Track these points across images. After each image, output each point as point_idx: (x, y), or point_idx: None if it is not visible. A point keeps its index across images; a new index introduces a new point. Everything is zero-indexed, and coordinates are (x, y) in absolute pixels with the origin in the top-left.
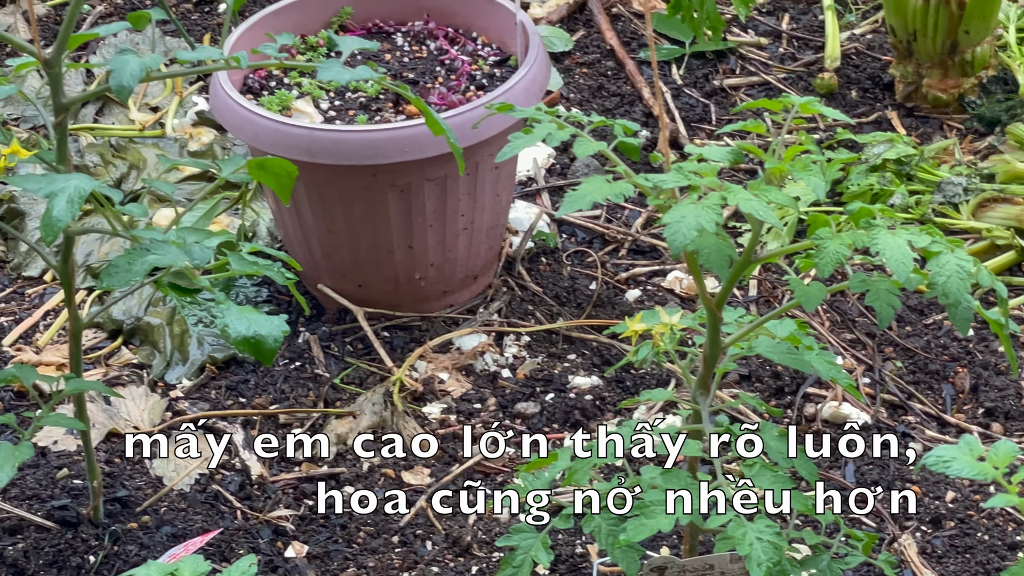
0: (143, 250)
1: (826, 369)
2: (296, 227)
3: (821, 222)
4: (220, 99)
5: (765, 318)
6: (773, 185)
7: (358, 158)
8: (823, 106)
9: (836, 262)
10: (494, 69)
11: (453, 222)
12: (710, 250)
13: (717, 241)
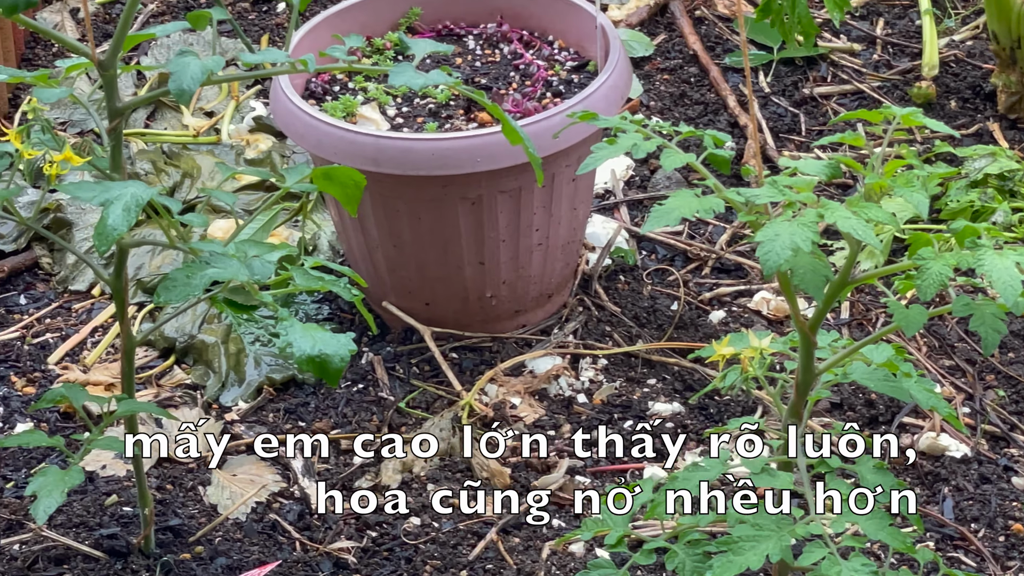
0: (202, 263)
1: (925, 398)
2: (360, 241)
3: (923, 241)
4: (281, 104)
5: (862, 343)
6: (872, 201)
7: (427, 168)
8: (926, 118)
9: (939, 284)
10: (572, 75)
11: (527, 237)
12: (805, 270)
13: (813, 260)
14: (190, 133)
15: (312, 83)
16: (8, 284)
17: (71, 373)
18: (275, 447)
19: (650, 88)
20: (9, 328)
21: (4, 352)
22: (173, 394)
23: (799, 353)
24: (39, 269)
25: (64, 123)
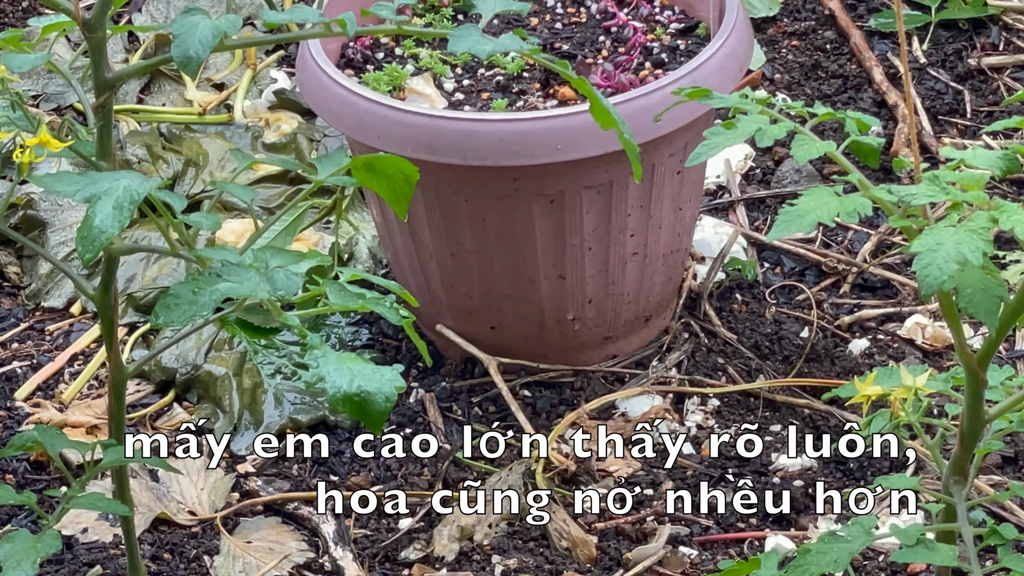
0: (211, 275)
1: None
2: (409, 248)
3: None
4: (311, 75)
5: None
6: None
7: (495, 157)
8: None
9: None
10: (677, 40)
11: (619, 245)
12: (974, 289)
13: (984, 277)
14: (195, 110)
15: (350, 49)
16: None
17: (44, 412)
18: (300, 507)
19: (775, 57)
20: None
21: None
22: (173, 439)
23: (964, 394)
24: (4, 280)
25: (37, 97)
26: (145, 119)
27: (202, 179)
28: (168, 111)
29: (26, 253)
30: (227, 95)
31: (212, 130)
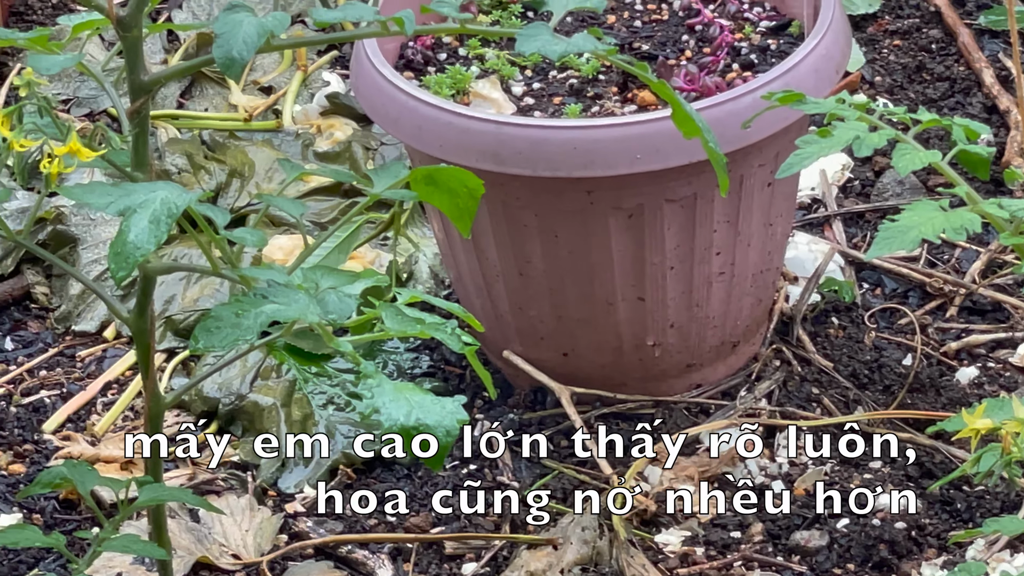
0: (257, 297)
1: None
2: (474, 267)
3: None
4: (367, 78)
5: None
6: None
7: (567, 167)
8: None
9: None
10: (767, 39)
11: (704, 263)
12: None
13: None
14: (240, 116)
15: (409, 49)
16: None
17: (74, 446)
18: (355, 550)
19: (875, 58)
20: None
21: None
22: (215, 475)
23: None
24: (31, 302)
25: (68, 101)
26: (186, 125)
27: (248, 191)
28: (211, 117)
29: (55, 272)
30: (275, 99)
31: (259, 137)
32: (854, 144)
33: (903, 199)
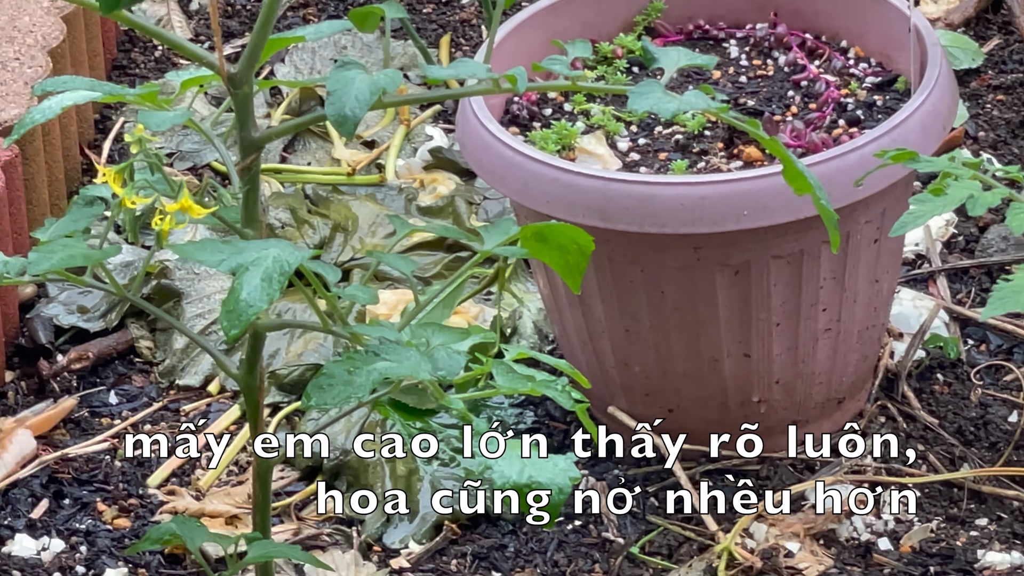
0: (369, 355)
1: None
2: (579, 323)
3: None
4: (472, 133)
5: None
6: None
7: (674, 224)
8: None
9: None
10: (873, 95)
11: (810, 320)
12: None
13: None
14: (343, 170)
15: (515, 104)
16: (95, 376)
17: (180, 500)
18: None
19: (978, 113)
20: (95, 437)
21: (89, 470)
22: (320, 531)
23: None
24: (136, 356)
25: (171, 155)
26: (289, 179)
27: (351, 245)
28: (314, 171)
29: (160, 326)
30: (378, 153)
31: (362, 192)
32: (968, 203)
33: (1007, 255)
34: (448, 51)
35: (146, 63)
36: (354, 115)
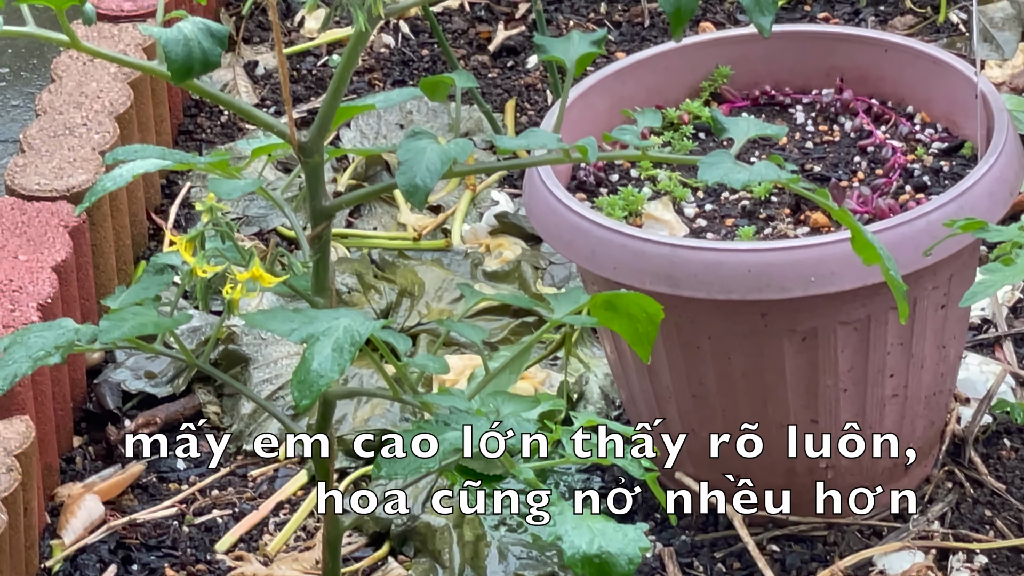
0: (440, 424)
1: None
2: (646, 388)
3: None
4: (539, 199)
5: None
6: None
7: (741, 290)
8: None
9: None
10: (939, 161)
11: (877, 385)
12: None
13: None
14: (409, 235)
15: (581, 170)
16: (162, 441)
17: (248, 566)
18: None
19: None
20: (164, 502)
21: (157, 535)
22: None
23: None
24: (204, 421)
25: (237, 220)
26: (355, 244)
27: (418, 310)
28: (380, 236)
29: (227, 391)
30: (444, 218)
31: (428, 256)
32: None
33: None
34: (513, 116)
35: (212, 128)
36: (425, 185)
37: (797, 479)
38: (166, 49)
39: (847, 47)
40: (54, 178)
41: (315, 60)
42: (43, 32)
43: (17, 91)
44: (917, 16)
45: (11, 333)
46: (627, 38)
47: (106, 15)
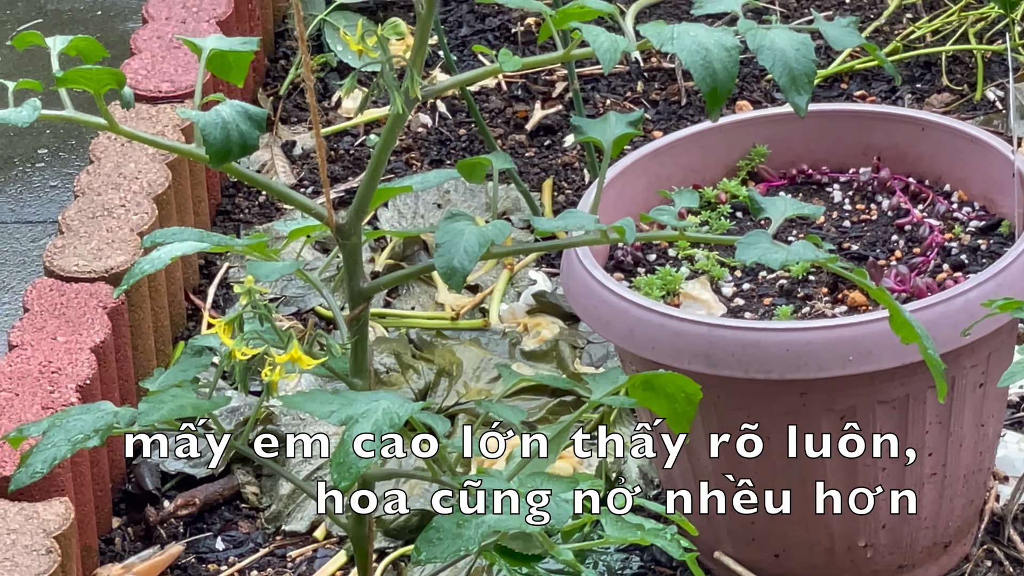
0: (478, 505)
1: None
2: (685, 467)
3: None
4: (577, 278)
5: None
6: None
7: (780, 369)
8: None
9: None
10: (977, 239)
11: (916, 464)
12: None
13: None
14: (446, 315)
15: (619, 250)
16: (201, 522)
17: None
18: None
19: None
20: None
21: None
22: None
23: None
24: (242, 502)
25: (275, 300)
26: (393, 324)
27: (456, 390)
28: (418, 316)
29: (265, 472)
30: (482, 298)
31: (466, 336)
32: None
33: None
34: (551, 194)
35: (250, 208)
36: (463, 268)
37: (836, 558)
38: (204, 133)
39: (884, 125)
40: (93, 259)
41: (352, 139)
42: (82, 116)
43: (55, 172)
44: (954, 93)
45: (50, 415)
46: (664, 116)
47: (144, 96)
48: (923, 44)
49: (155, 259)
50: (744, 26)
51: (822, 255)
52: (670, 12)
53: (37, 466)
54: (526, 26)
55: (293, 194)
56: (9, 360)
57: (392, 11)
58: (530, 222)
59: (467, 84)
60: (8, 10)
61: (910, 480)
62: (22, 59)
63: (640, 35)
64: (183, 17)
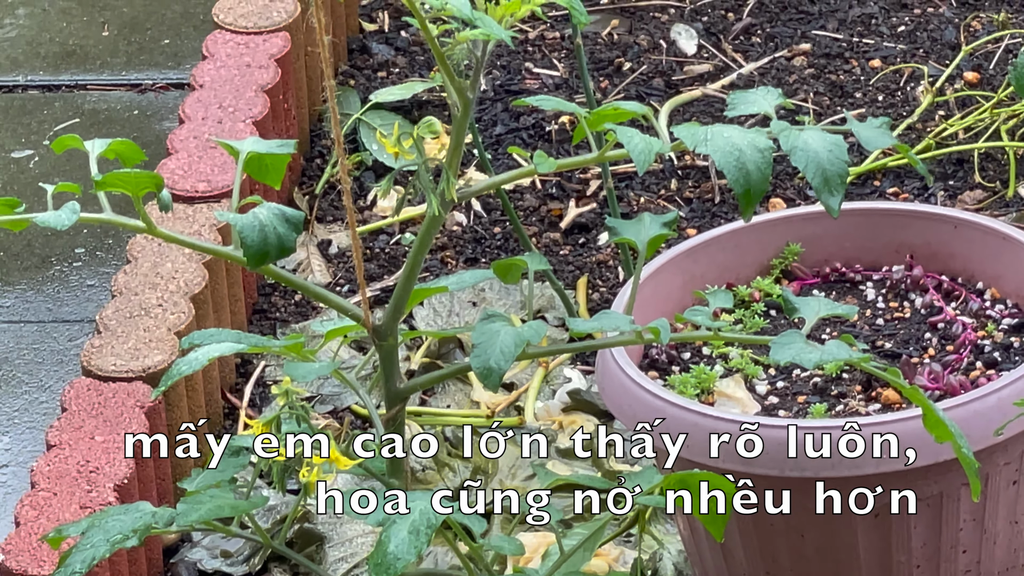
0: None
1: None
2: (720, 566)
3: None
4: (612, 377)
5: None
6: None
7: (815, 468)
8: None
9: None
10: (1010, 337)
11: (950, 562)
12: None
13: None
14: (482, 413)
15: (654, 348)
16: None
17: None
18: None
19: None
20: None
21: None
22: None
23: None
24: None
25: (311, 398)
26: (429, 422)
27: (492, 488)
28: (453, 413)
29: (302, 571)
30: (517, 396)
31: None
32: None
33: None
34: (585, 292)
35: (287, 307)
36: (499, 368)
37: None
38: (242, 236)
39: (917, 224)
40: (130, 359)
41: (388, 238)
42: (120, 219)
43: (92, 271)
44: (986, 190)
45: (89, 516)
46: (698, 214)
47: (180, 196)
48: (955, 141)
49: (192, 361)
50: (777, 127)
51: (856, 355)
52: (703, 111)
53: (76, 566)
54: (560, 124)
55: (330, 295)
56: (47, 460)
57: (427, 110)
58: (565, 320)
59: (503, 185)
60: (45, 110)
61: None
62: (59, 159)
63: (674, 136)
64: (219, 117)
